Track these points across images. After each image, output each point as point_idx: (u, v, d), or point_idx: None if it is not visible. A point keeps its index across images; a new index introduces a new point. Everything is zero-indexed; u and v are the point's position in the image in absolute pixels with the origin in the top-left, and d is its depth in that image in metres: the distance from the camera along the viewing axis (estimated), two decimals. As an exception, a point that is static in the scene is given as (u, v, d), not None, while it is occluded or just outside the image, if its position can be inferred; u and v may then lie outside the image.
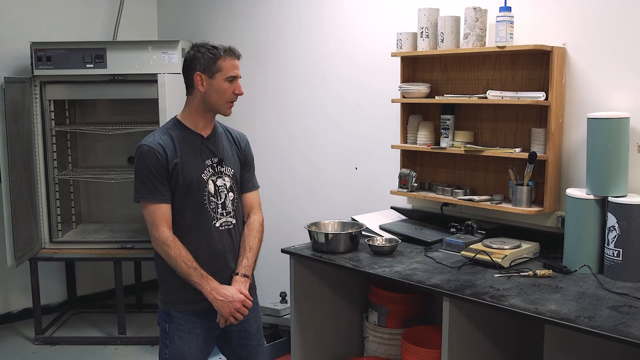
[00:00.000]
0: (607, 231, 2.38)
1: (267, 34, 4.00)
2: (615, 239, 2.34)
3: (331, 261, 2.67)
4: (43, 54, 3.91)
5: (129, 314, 4.28)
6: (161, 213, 2.17)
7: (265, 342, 2.48)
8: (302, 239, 2.90)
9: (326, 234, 2.77)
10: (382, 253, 2.73)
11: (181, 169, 2.17)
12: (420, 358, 2.66)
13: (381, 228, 3.01)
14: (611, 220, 2.36)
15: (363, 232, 2.92)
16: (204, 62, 2.16)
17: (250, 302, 2.22)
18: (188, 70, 2.21)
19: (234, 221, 2.29)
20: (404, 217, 3.22)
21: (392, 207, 3.31)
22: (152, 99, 3.73)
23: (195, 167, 2.20)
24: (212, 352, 2.44)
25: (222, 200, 2.25)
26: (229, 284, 2.23)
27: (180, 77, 3.80)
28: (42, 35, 4.20)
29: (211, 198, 2.22)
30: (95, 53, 3.92)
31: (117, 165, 4.54)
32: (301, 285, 2.86)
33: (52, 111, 4.11)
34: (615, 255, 2.34)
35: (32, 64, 3.93)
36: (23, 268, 3.94)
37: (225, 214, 2.26)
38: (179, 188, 2.18)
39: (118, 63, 3.92)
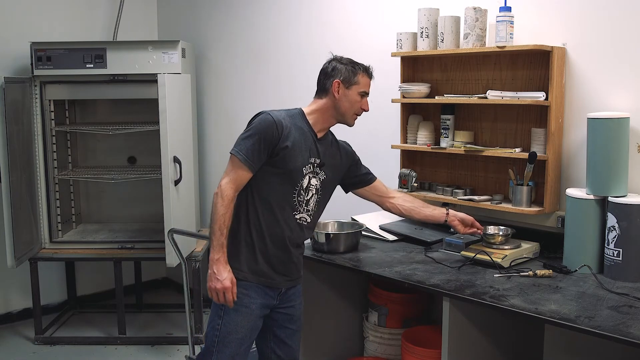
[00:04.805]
0: (607, 231, 2.38)
1: (267, 33, 4.01)
2: (615, 239, 2.34)
3: (331, 261, 2.67)
4: (43, 54, 3.91)
5: (129, 314, 4.28)
6: (240, 176, 2.24)
7: (301, 330, 2.56)
8: (302, 239, 2.90)
9: (326, 234, 2.77)
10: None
11: (289, 153, 2.25)
12: (420, 358, 2.66)
13: (381, 228, 3.01)
14: (611, 220, 2.36)
15: (363, 232, 2.92)
16: (345, 73, 2.32)
17: (230, 297, 2.23)
18: (327, 77, 2.35)
19: (309, 219, 2.38)
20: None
21: (392, 207, 3.30)
22: (152, 99, 3.72)
23: (302, 158, 2.29)
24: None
25: (308, 197, 2.34)
26: (283, 267, 2.34)
27: (180, 77, 3.86)
28: (42, 35, 4.20)
29: (301, 191, 2.31)
30: (95, 53, 3.92)
31: (117, 165, 4.54)
32: (301, 285, 2.85)
33: (52, 111, 4.11)
34: (615, 255, 2.34)
35: (32, 64, 3.93)
36: (23, 268, 3.94)
37: (304, 210, 2.35)
38: (279, 169, 2.26)
39: (118, 63, 3.92)
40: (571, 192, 2.50)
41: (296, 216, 2.33)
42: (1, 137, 3.60)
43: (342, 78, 2.31)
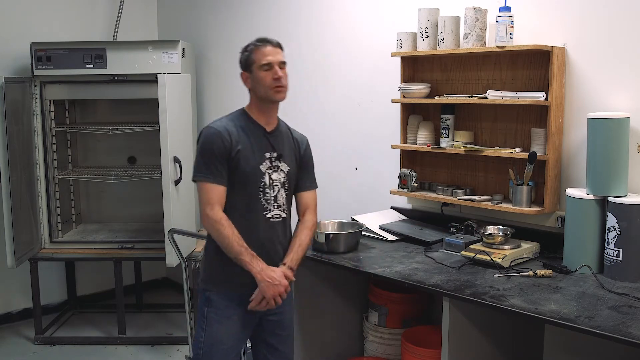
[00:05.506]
0: (607, 231, 2.38)
1: (267, 33, 3.98)
2: (615, 239, 2.34)
3: (331, 261, 2.67)
4: (43, 54, 3.91)
5: (129, 314, 4.28)
6: (218, 194, 2.23)
7: (293, 335, 2.55)
8: (302, 239, 2.90)
9: (326, 234, 2.77)
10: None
11: (242, 157, 2.24)
12: (420, 358, 2.66)
13: (381, 228, 3.01)
14: (611, 220, 2.36)
15: (363, 232, 2.92)
16: (242, 61, 2.31)
17: (290, 289, 2.28)
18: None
19: (284, 215, 2.35)
20: (404, 217, 3.21)
21: (392, 207, 3.31)
22: (152, 99, 3.72)
23: (255, 157, 2.27)
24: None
25: (275, 193, 2.31)
26: None
27: (180, 77, 3.86)
28: (42, 35, 4.19)
29: (266, 189, 2.29)
30: (95, 53, 3.92)
31: (117, 165, 4.54)
32: (301, 285, 2.85)
33: (52, 111, 4.11)
34: (615, 255, 2.34)
35: (32, 64, 3.93)
36: (23, 268, 3.94)
37: (276, 207, 2.32)
38: (237, 175, 2.25)
39: (118, 63, 3.92)
40: (571, 192, 2.50)
41: (267, 215, 2.29)
42: (1, 137, 3.60)
43: (242, 67, 2.29)
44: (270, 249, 2.31)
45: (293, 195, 2.43)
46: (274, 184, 2.30)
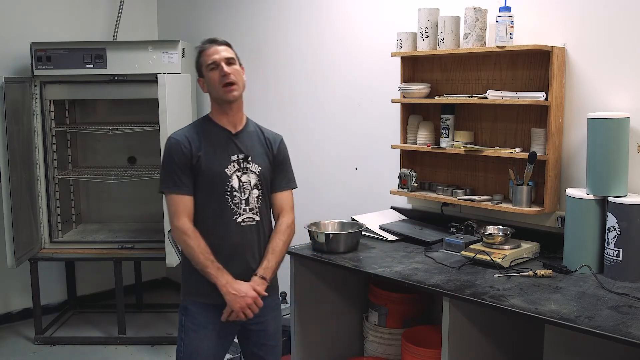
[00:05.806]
0: (607, 231, 2.38)
1: (267, 33, 4.00)
2: (615, 239, 2.34)
3: (331, 261, 2.67)
4: (43, 54, 3.91)
5: (129, 314, 4.28)
6: (183, 204, 2.22)
7: (281, 344, 2.50)
8: (302, 239, 2.90)
9: (326, 234, 2.77)
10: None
11: (204, 162, 2.22)
12: (420, 358, 2.66)
13: (381, 228, 3.01)
14: (611, 220, 2.36)
15: (363, 232, 2.92)
16: (196, 67, 2.32)
17: (261, 302, 2.24)
18: None
19: (257, 218, 2.30)
20: (404, 217, 3.22)
21: (392, 207, 3.31)
22: (152, 99, 3.73)
23: (220, 161, 2.24)
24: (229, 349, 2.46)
25: (246, 196, 2.27)
26: (243, 279, 2.25)
27: (180, 77, 3.86)
28: (42, 35, 4.20)
29: (234, 193, 2.25)
30: (95, 53, 3.92)
31: (117, 165, 4.54)
32: (301, 285, 2.86)
33: (52, 111, 4.11)
34: (615, 255, 2.34)
35: (32, 64, 3.93)
36: (23, 268, 3.94)
37: (248, 210, 2.27)
38: (202, 181, 2.23)
39: (118, 63, 3.92)
40: (571, 192, 2.50)
41: (238, 219, 2.25)
42: (1, 137, 3.60)
43: (198, 74, 2.30)
44: (246, 254, 2.28)
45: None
46: (244, 186, 2.26)
